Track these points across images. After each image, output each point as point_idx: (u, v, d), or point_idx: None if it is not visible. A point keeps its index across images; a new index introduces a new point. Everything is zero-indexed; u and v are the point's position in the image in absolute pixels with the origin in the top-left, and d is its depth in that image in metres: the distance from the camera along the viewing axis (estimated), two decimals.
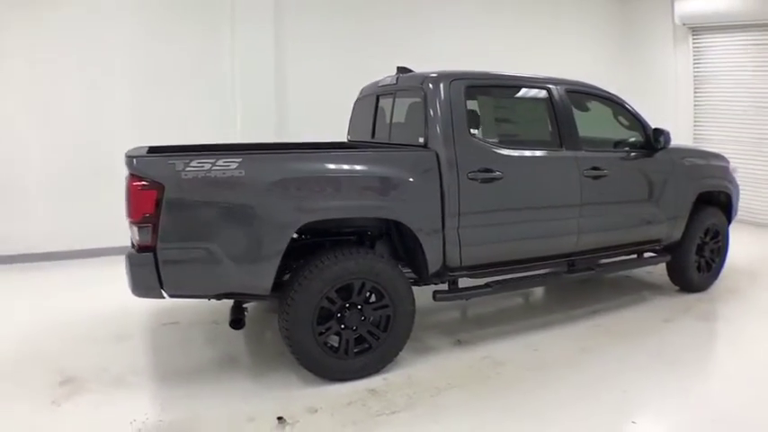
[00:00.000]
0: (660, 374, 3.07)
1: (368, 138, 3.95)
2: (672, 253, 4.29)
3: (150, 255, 2.60)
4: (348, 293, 2.92)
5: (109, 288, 3.07)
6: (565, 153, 3.55)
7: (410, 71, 3.65)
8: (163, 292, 2.70)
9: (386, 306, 2.99)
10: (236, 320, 3.00)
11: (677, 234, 4.21)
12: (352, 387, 2.91)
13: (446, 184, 3.09)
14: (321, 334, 2.87)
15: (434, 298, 3.23)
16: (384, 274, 2.95)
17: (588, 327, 3.77)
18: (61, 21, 5.23)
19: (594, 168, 3.62)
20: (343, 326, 2.93)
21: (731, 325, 3.97)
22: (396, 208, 2.99)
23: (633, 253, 4.17)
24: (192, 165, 2.63)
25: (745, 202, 6.65)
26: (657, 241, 4.15)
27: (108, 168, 4.56)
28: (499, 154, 3.30)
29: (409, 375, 3.04)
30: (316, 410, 2.69)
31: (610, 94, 3.96)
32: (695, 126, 7.58)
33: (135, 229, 2.63)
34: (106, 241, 5.04)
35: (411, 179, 3.01)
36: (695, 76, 7.50)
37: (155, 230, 2.58)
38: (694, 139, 7.50)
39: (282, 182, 2.76)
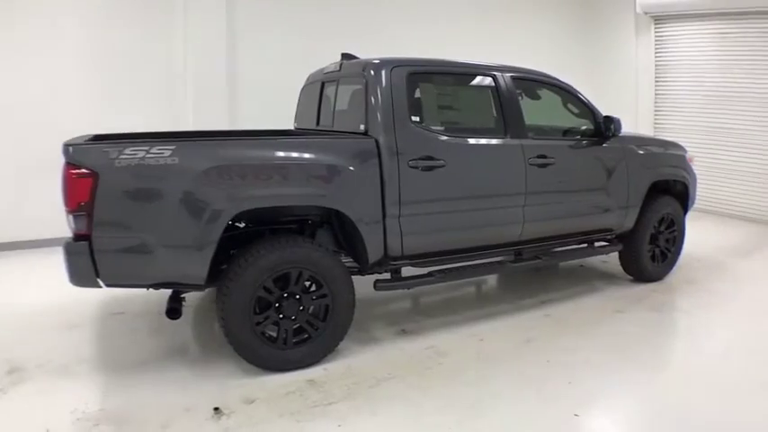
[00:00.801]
0: (607, 366, 3.06)
1: (313, 125, 3.91)
2: (624, 242, 4.33)
3: (86, 244, 2.57)
4: (286, 283, 2.88)
5: (59, 278, 3.02)
6: (509, 141, 3.53)
7: (354, 58, 3.60)
8: (99, 281, 2.66)
9: (324, 296, 2.96)
10: (172, 310, 2.95)
11: (629, 223, 4.24)
12: (291, 377, 2.88)
13: (386, 173, 3.05)
14: (258, 324, 2.84)
15: (375, 287, 3.20)
16: (321, 264, 2.91)
17: (537, 317, 3.76)
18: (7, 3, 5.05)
19: (541, 156, 3.61)
20: (281, 316, 2.89)
21: (683, 316, 3.97)
22: (333, 197, 2.95)
23: (584, 242, 4.19)
24: (125, 153, 2.59)
25: (708, 192, 6.79)
26: (609, 230, 4.17)
27: (57, 157, 4.43)
28: (442, 141, 3.27)
29: (350, 366, 3.02)
30: (252, 401, 2.67)
31: (560, 81, 3.95)
32: (656, 115, 7.61)
33: (71, 217, 2.60)
34: (57, 231, 4.92)
35: (350, 167, 2.97)
36: (657, 66, 7.52)
37: (90, 219, 2.55)
38: (655, 128, 7.54)
39: (215, 169, 2.70)
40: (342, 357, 3.10)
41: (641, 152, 4.26)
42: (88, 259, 2.58)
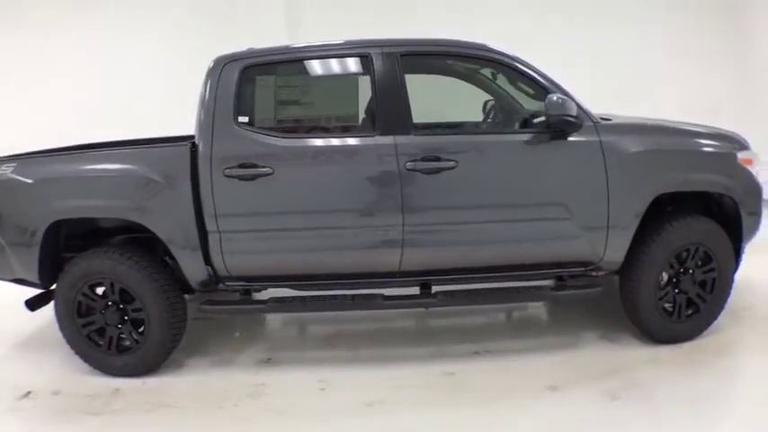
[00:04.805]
0: None
1: None
2: (622, 284, 3.03)
3: None
4: (111, 292, 2.91)
5: None
6: (376, 139, 2.77)
7: None
8: None
9: (139, 309, 2.88)
10: (30, 301, 3.19)
11: (614, 255, 2.92)
12: (105, 382, 2.94)
13: (202, 183, 2.76)
14: (84, 326, 2.94)
15: (199, 309, 2.96)
16: (128, 277, 2.83)
17: (433, 373, 2.88)
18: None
19: (431, 159, 2.74)
20: (107, 323, 2.94)
21: (652, 417, 2.49)
22: (136, 210, 2.80)
23: (536, 278, 3.04)
24: None
25: None
26: (584, 264, 2.94)
27: None
28: (270, 145, 2.76)
29: (164, 383, 2.91)
30: (58, 392, 2.87)
31: (494, 53, 2.88)
32: None
33: None
34: None
35: (156, 178, 2.77)
36: None
37: None
38: None
39: (41, 182, 2.87)
40: (174, 374, 3.01)
41: (635, 149, 2.85)
42: None
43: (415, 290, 2.99)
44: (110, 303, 2.92)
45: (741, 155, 3.02)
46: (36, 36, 5.82)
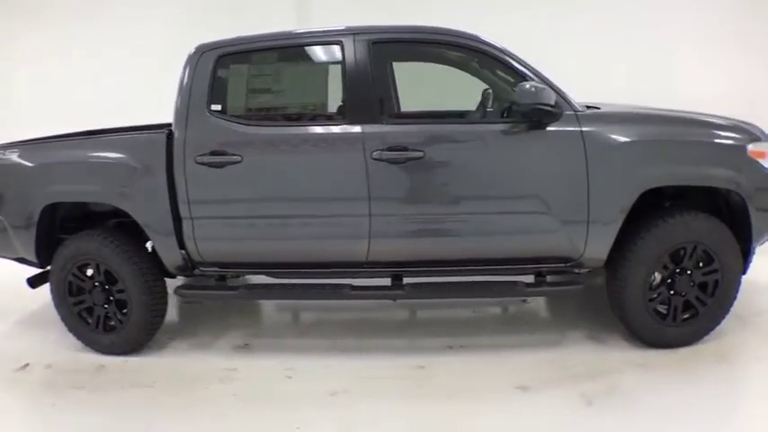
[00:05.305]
0: None
1: None
2: (608, 282, 2.84)
3: None
4: (96, 273, 3.04)
5: None
6: (343, 128, 2.72)
7: None
8: None
9: (122, 291, 3.00)
10: (31, 280, 3.35)
11: (596, 251, 2.74)
12: (93, 358, 3.08)
13: (176, 170, 2.82)
14: (75, 305, 3.10)
15: (175, 292, 3.04)
16: (111, 259, 2.95)
17: (406, 366, 2.82)
18: None
19: (398, 149, 2.66)
20: (94, 303, 3.08)
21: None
22: (117, 195, 2.89)
23: (515, 273, 2.89)
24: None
25: None
26: (563, 260, 2.79)
27: None
28: (239, 133, 2.77)
29: (142, 363, 3.02)
30: (50, 366, 3.05)
31: (468, 39, 2.76)
32: None
33: None
34: None
35: (135, 165, 2.86)
36: None
37: None
38: None
39: (37, 167, 3.04)
40: (156, 354, 3.11)
41: (620, 140, 2.65)
42: None
43: (387, 281, 2.94)
44: (96, 284, 3.06)
45: (753, 147, 2.73)
46: (55, 28, 6.06)
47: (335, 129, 2.76)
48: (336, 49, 2.78)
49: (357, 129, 2.70)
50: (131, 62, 5.66)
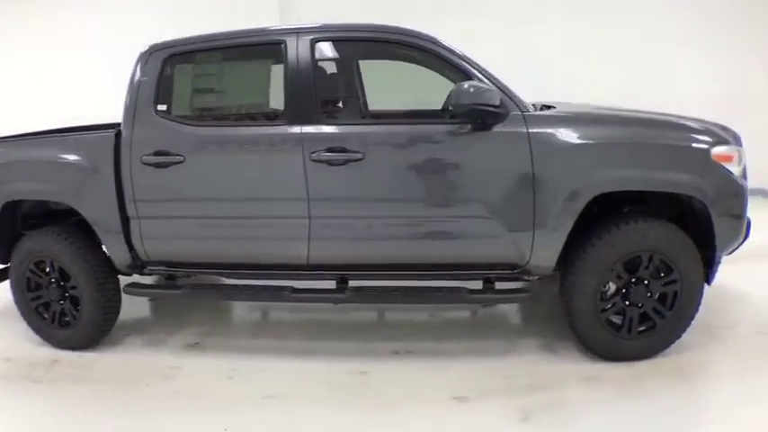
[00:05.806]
0: None
1: None
2: (560, 290, 2.71)
3: None
4: (51, 269, 3.09)
5: None
6: (282, 129, 2.67)
7: None
8: None
9: (74, 287, 3.04)
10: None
11: (543, 259, 2.61)
12: (49, 353, 3.13)
13: (123, 169, 2.83)
14: (32, 300, 3.16)
15: (123, 290, 3.06)
16: (63, 257, 2.98)
17: (348, 371, 2.77)
18: None
19: (337, 150, 2.60)
20: (50, 298, 3.13)
21: None
22: (67, 193, 2.92)
23: (463, 278, 2.79)
24: None
25: None
26: (504, 266, 2.67)
27: None
28: (181, 134, 2.76)
29: (95, 359, 3.05)
30: (9, 359, 3.12)
31: (410, 36, 2.66)
32: None
33: None
34: None
35: (85, 164, 2.87)
36: None
37: None
38: None
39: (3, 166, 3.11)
40: (109, 350, 3.14)
41: (569, 142, 2.51)
42: None
43: (333, 284, 2.88)
44: (52, 280, 3.10)
45: (717, 150, 2.55)
46: (43, 16, 6.19)
47: (275, 129, 2.71)
48: (279, 48, 2.72)
49: (296, 129, 2.65)
50: (114, 59, 5.77)
